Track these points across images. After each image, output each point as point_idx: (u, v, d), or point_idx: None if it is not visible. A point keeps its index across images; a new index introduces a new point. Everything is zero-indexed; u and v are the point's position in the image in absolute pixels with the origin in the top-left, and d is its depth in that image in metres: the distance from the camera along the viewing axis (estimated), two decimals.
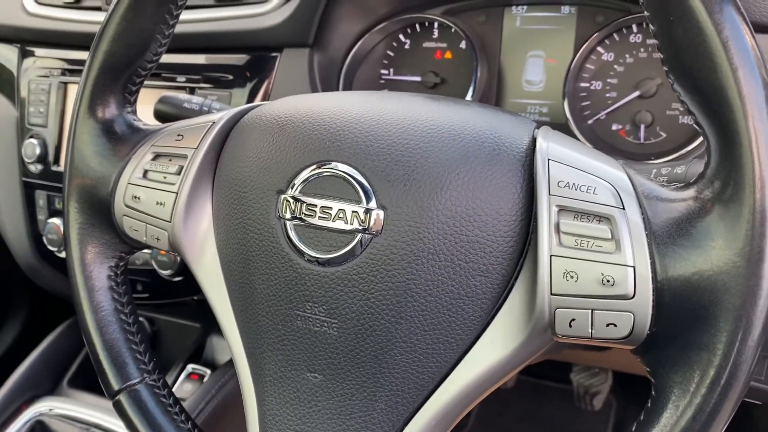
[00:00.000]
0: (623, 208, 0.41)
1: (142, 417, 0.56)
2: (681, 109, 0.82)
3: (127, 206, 0.56)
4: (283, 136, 0.50)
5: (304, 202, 0.47)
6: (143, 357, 0.58)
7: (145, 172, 0.56)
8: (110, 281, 0.59)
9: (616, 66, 0.85)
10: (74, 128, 0.58)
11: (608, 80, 0.86)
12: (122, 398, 0.56)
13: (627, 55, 0.85)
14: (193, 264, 0.55)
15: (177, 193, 0.54)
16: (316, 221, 0.47)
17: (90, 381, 1.12)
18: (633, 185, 0.43)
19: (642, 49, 0.84)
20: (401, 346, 0.46)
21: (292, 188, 0.48)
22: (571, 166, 0.44)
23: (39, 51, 1.13)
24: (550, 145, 0.45)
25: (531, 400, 1.47)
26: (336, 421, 0.48)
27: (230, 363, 1.12)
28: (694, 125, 0.41)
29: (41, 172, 1.10)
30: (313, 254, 0.47)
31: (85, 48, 0.57)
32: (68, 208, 0.59)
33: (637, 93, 0.83)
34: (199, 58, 0.98)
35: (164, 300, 1.06)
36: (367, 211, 0.45)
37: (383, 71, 0.99)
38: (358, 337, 0.46)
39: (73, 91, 1.09)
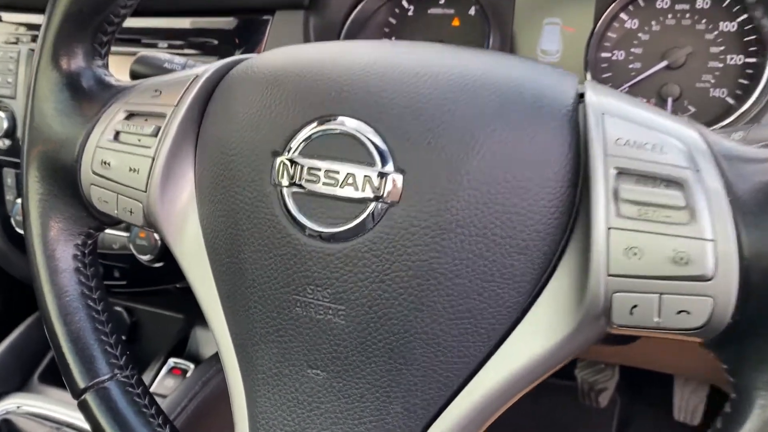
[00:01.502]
0: (698, 171, 0.35)
1: (111, 419, 0.49)
2: (712, 81, 0.76)
3: (96, 174, 0.49)
4: (279, 89, 0.44)
5: (304, 166, 0.41)
6: (114, 350, 0.52)
7: (117, 133, 0.49)
8: (76, 262, 0.53)
9: (640, 34, 0.79)
10: (34, 82, 0.51)
11: (632, 50, 0.80)
12: (89, 397, 0.50)
13: (653, 22, 0.79)
14: (172, 242, 0.48)
15: (153, 158, 0.47)
16: (319, 188, 0.41)
17: None
18: (708, 143, 0.36)
19: (669, 16, 0.78)
20: (421, 338, 0.39)
21: (289, 150, 0.42)
22: (631, 120, 0.37)
23: (6, 15, 1.06)
24: (602, 98, 0.39)
25: (533, 396, 1.41)
26: (342, 426, 0.42)
27: (216, 356, 1.07)
28: None
29: (9, 148, 1.03)
30: (315, 228, 0.41)
31: None
32: (27, 176, 0.52)
33: (664, 63, 0.77)
34: (183, 22, 0.92)
35: (144, 288, 1.01)
36: (382, 175, 0.39)
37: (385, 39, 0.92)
38: (370, 326, 0.40)
39: None
